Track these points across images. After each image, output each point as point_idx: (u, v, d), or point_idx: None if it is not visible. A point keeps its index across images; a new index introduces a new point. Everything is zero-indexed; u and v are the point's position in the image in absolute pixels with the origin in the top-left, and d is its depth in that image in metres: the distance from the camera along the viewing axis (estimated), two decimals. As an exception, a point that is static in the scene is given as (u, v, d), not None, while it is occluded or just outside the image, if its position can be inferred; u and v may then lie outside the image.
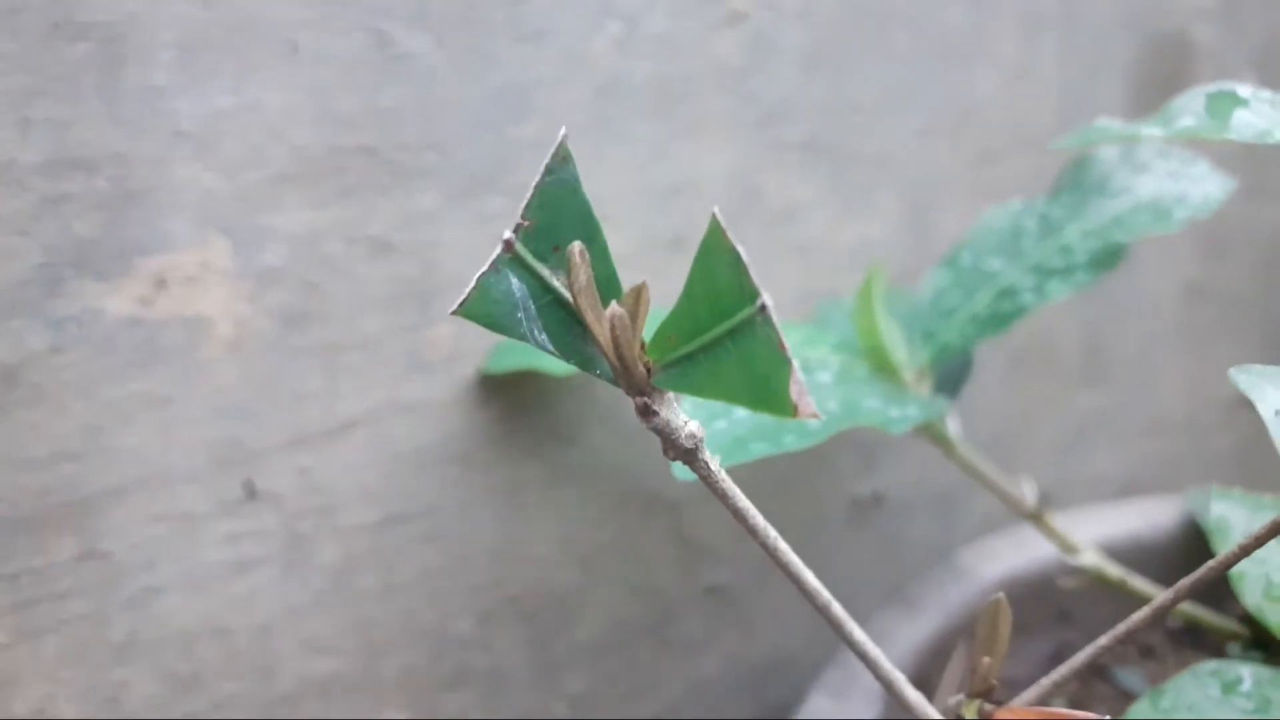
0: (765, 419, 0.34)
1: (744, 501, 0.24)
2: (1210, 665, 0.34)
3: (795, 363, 0.19)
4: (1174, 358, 0.65)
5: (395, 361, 0.41)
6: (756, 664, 0.54)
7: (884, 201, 0.52)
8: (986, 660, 0.25)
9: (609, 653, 0.49)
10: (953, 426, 0.41)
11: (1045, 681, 0.26)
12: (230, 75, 0.37)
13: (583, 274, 0.21)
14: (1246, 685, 0.34)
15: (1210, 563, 0.25)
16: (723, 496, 0.24)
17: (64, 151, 0.35)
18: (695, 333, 0.21)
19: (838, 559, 0.55)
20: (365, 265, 0.40)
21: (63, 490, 0.36)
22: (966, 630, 0.43)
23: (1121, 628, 0.25)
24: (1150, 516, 0.48)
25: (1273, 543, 0.36)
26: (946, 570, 0.45)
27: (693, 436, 0.23)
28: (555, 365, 0.40)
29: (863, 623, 0.31)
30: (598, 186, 0.44)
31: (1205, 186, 0.41)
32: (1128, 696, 0.43)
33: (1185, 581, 0.25)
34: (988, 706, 0.25)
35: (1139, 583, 0.41)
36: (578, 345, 0.23)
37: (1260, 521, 0.37)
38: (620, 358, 0.22)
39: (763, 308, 0.19)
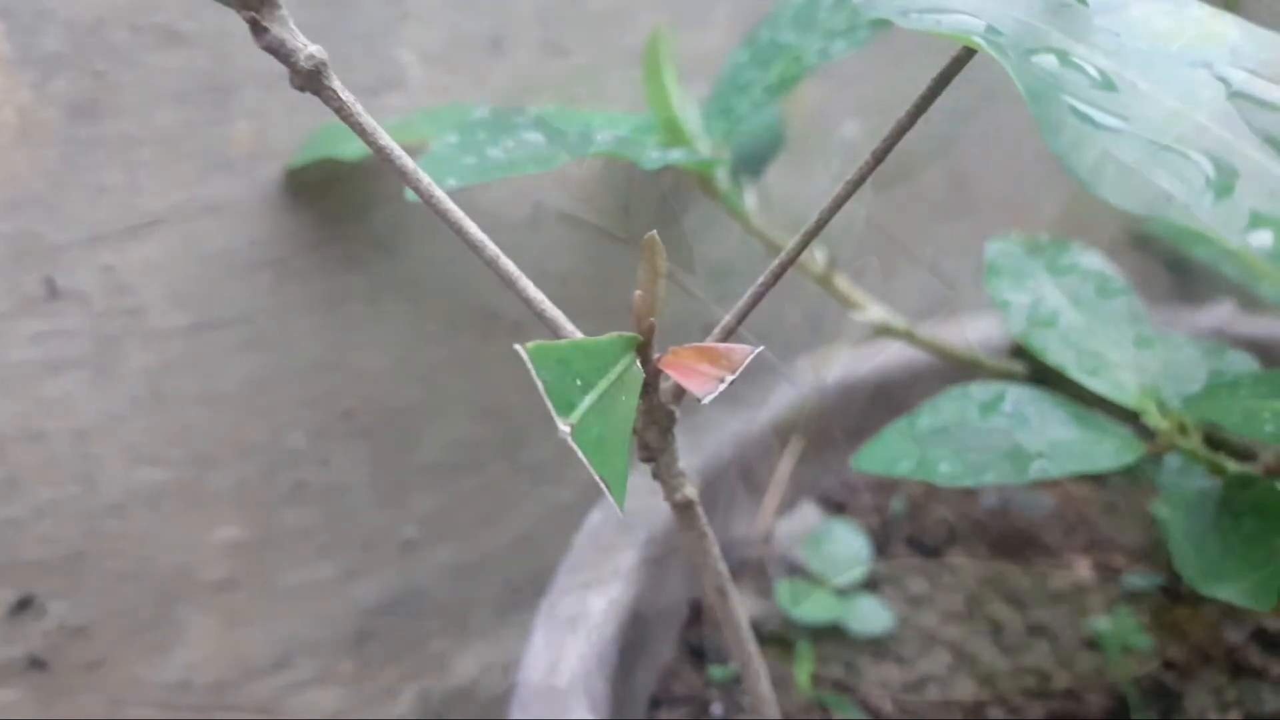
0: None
1: (451, 207, 0.24)
2: (968, 387, 0.34)
3: None
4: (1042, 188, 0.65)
5: (194, 157, 0.41)
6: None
7: (719, 14, 0.52)
8: (639, 294, 0.24)
9: (459, 474, 0.49)
10: (750, 201, 0.41)
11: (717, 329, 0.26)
12: None
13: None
14: (1008, 405, 0.34)
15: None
16: (401, 174, 0.24)
17: None
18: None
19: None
20: (154, 55, 0.40)
21: None
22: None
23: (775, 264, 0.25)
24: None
25: (1041, 272, 0.36)
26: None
27: (312, 58, 0.22)
28: (348, 150, 0.40)
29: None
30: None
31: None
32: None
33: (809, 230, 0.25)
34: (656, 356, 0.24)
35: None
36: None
37: (1031, 262, 0.36)
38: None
39: None
